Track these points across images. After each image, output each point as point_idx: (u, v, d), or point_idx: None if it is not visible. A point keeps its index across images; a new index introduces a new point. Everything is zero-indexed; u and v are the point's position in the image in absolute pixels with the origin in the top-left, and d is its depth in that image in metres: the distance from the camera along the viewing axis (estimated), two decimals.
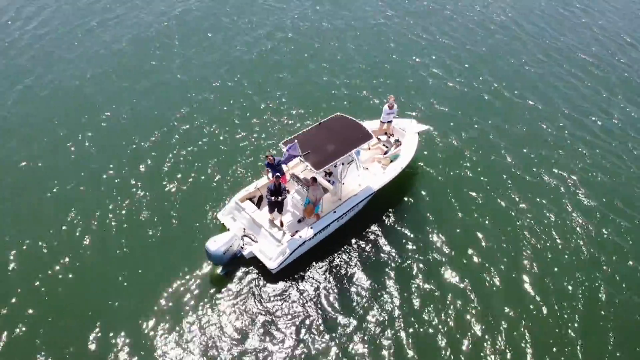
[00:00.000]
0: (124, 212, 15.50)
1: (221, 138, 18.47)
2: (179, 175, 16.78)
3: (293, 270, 14.12)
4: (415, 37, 25.71)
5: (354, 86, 21.76)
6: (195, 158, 17.54)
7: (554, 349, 12.75)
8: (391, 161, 16.65)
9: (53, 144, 18.01)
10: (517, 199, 16.74)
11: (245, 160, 17.51)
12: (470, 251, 15.01)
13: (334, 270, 14.32)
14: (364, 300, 13.62)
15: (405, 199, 16.56)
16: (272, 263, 13.55)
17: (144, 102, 20.24)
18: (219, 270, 13.86)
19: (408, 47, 24.82)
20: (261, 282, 13.82)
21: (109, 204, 15.71)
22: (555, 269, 14.66)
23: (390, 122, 17.33)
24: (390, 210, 16.06)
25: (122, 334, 12.44)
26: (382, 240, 15.17)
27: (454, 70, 23.25)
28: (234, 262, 13.99)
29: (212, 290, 13.52)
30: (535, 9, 29.81)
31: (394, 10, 28.17)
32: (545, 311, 13.57)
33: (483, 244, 15.27)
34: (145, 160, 17.41)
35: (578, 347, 12.79)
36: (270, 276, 13.87)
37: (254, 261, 14.16)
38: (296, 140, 13.88)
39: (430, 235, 15.40)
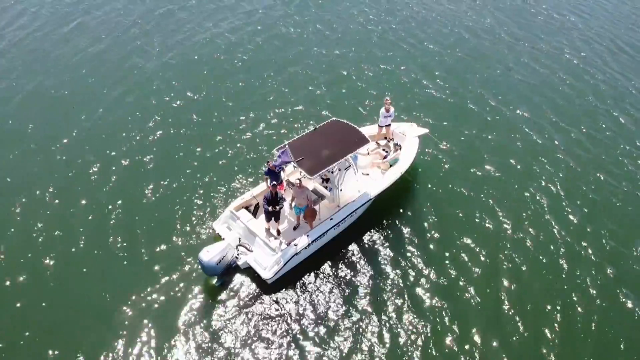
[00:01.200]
0: (114, 221, 15.28)
1: (216, 146, 18.22)
2: (175, 185, 16.54)
3: (289, 280, 13.73)
4: (401, 43, 25.30)
5: (345, 93, 21.45)
6: (188, 167, 17.30)
7: None
8: (391, 166, 16.21)
9: (40, 149, 18.06)
10: (506, 211, 16.11)
11: (240, 168, 17.21)
12: (467, 260, 14.55)
13: (331, 280, 13.88)
14: (361, 311, 13.16)
15: (405, 206, 16.08)
16: (267, 273, 13.17)
17: (129, 108, 20.21)
18: (213, 281, 13.52)
19: (395, 53, 24.38)
20: (257, 293, 13.45)
21: (100, 213, 15.52)
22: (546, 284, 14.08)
23: (388, 125, 16.88)
24: (390, 218, 15.60)
25: (115, 345, 12.15)
26: (380, 249, 14.72)
27: (440, 78, 22.66)
28: (229, 272, 13.66)
29: (206, 302, 13.18)
30: (523, 14, 29.14)
31: (380, 16, 27.82)
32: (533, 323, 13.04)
33: (485, 252, 14.82)
34: (136, 169, 17.23)
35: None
36: (266, 286, 13.49)
37: (249, 271, 13.81)
38: (287, 145, 13.56)
39: (428, 245, 14.91)
